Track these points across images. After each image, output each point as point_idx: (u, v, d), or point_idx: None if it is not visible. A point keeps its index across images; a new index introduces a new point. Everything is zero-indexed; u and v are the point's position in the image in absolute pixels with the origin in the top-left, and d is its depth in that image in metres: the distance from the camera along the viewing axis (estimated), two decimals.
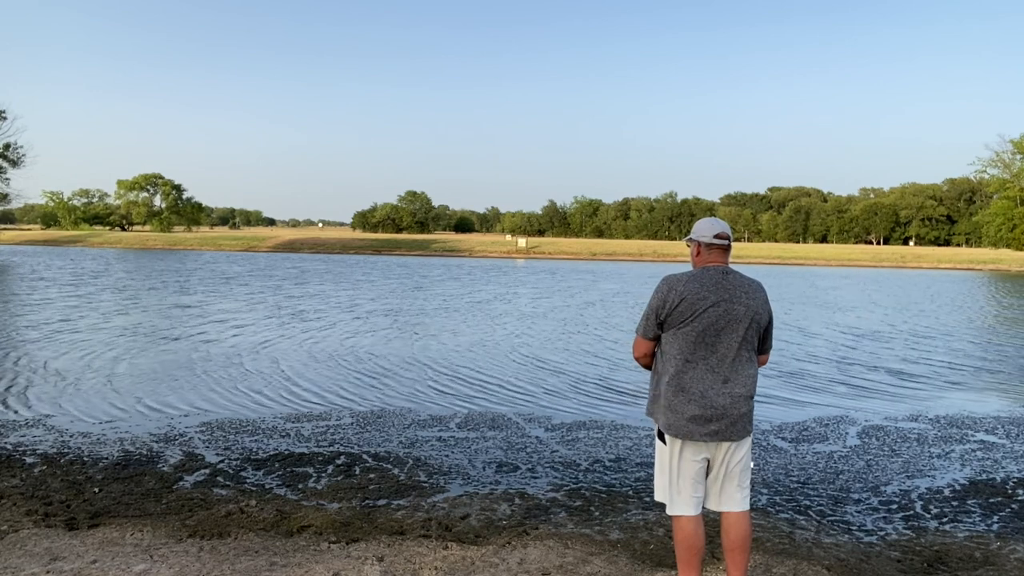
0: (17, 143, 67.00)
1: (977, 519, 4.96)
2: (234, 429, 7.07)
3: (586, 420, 7.71)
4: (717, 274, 3.20)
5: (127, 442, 6.54)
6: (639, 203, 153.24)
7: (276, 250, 68.80)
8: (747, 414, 3.20)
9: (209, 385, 9.21)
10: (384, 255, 64.08)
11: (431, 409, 8.13)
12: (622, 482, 5.62)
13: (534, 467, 6.00)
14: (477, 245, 76.00)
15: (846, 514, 5.01)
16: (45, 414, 7.57)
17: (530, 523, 4.63)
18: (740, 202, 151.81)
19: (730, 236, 3.30)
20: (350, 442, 6.66)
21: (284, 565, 3.76)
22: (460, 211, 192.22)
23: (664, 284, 3.23)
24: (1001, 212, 73.17)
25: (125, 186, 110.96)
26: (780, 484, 5.65)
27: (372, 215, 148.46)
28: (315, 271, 37.75)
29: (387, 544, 4.09)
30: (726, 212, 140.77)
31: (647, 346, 3.32)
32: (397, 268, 42.52)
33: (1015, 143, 72.82)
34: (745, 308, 3.17)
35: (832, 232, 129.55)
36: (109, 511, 4.73)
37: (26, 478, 5.44)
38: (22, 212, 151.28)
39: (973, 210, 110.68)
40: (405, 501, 5.09)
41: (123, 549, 3.98)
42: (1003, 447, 6.87)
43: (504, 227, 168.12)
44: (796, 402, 8.82)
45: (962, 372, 11.30)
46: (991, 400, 9.30)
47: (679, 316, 3.16)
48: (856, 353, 13.00)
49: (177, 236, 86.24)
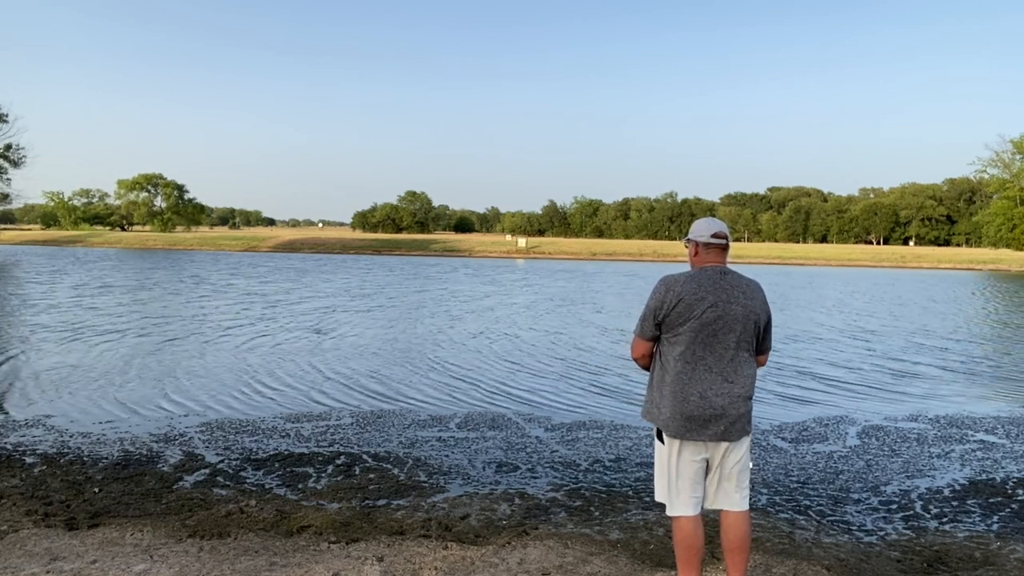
0: (18, 144, 67.02)
1: (977, 519, 4.96)
2: (234, 429, 7.08)
3: (586, 420, 7.71)
4: (715, 274, 3.20)
5: (127, 442, 6.54)
6: (639, 203, 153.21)
7: (276, 250, 68.78)
8: (746, 414, 3.19)
9: (209, 385, 9.21)
10: (384, 255, 64.06)
11: (431, 409, 8.13)
12: (622, 482, 5.62)
13: (534, 467, 6.00)
14: (477, 245, 75.98)
15: (846, 514, 5.01)
16: (45, 414, 7.58)
17: (530, 523, 4.63)
18: (740, 202, 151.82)
19: (728, 236, 3.29)
20: (350, 442, 6.66)
21: (284, 565, 3.75)
22: (460, 211, 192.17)
23: (662, 284, 3.23)
24: (1001, 212, 73.16)
25: (126, 186, 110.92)
26: (780, 484, 5.65)
27: (372, 215, 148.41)
28: (315, 270, 37.75)
29: (387, 544, 4.09)
30: (726, 212, 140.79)
31: (645, 346, 3.32)
32: (397, 268, 42.51)
33: (1015, 143, 72.80)
34: (743, 308, 3.17)
35: (832, 232, 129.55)
36: (109, 511, 4.73)
37: (26, 478, 5.44)
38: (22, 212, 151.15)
39: (973, 210, 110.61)
40: (405, 501, 5.09)
41: (123, 549, 3.98)
42: (1003, 447, 6.87)
43: (504, 227, 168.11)
44: (796, 402, 8.82)
45: (962, 372, 11.30)
46: (991, 400, 9.30)
47: (677, 317, 3.15)
48: (855, 353, 12.99)
49: (177, 236, 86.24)
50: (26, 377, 9.54)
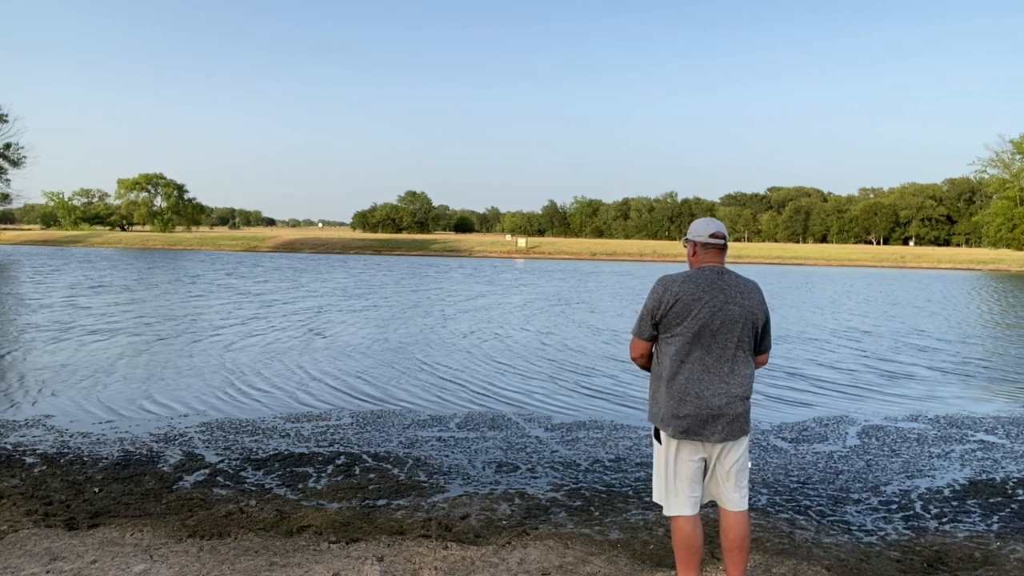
0: (18, 143, 67.04)
1: (977, 519, 4.96)
2: (234, 429, 7.07)
3: (586, 420, 7.70)
4: (713, 274, 3.20)
5: (127, 442, 6.54)
6: (639, 203, 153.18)
7: (276, 250, 68.78)
8: (744, 414, 3.19)
9: (209, 385, 9.21)
10: (384, 255, 64.06)
11: (431, 409, 8.13)
12: (622, 482, 5.62)
13: (534, 467, 6.00)
14: (477, 245, 75.97)
15: (846, 514, 5.01)
16: (45, 414, 7.57)
17: (530, 523, 4.63)
18: (740, 202, 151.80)
19: (726, 236, 3.29)
20: (350, 442, 6.66)
21: (284, 565, 3.75)
22: (460, 211, 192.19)
23: (659, 285, 3.22)
24: (1001, 212, 73.20)
25: (126, 186, 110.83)
26: (780, 484, 5.65)
27: (372, 215, 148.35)
28: (316, 270, 37.74)
29: (387, 544, 4.09)
30: (726, 212, 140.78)
31: (643, 347, 3.32)
32: (398, 268, 42.50)
33: (1015, 143, 72.86)
34: (741, 308, 3.17)
35: (832, 232, 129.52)
36: (109, 511, 4.73)
37: (26, 478, 5.44)
38: (22, 212, 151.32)
39: (973, 210, 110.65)
40: (405, 501, 5.09)
41: (123, 549, 3.98)
42: (1003, 447, 6.87)
43: (504, 227, 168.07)
44: (796, 402, 8.82)
45: (962, 372, 11.29)
46: (991, 400, 9.29)
47: (675, 317, 3.15)
48: (856, 353, 12.99)
49: (177, 236, 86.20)
50: (26, 377, 9.54)
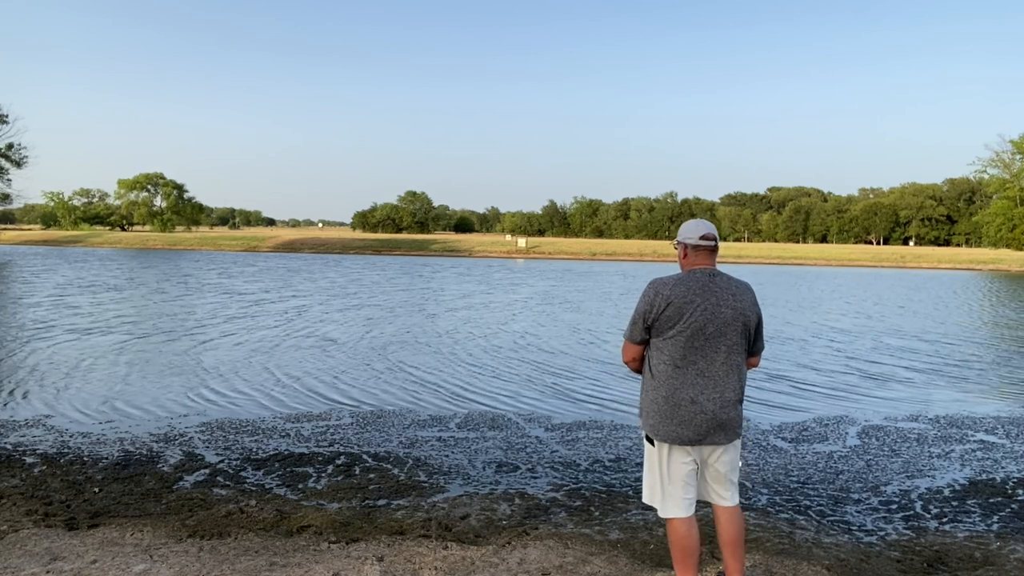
0: (19, 143, 67.06)
1: (977, 519, 4.96)
2: (234, 429, 7.07)
3: (586, 420, 7.70)
4: (704, 277, 3.18)
5: (127, 442, 6.54)
6: (639, 203, 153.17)
7: (276, 250, 68.78)
8: (736, 418, 3.19)
9: (209, 385, 9.21)
10: (384, 255, 64.06)
11: (431, 409, 8.13)
12: (622, 482, 5.62)
13: (534, 467, 6.00)
14: (477, 245, 75.96)
15: (846, 514, 5.01)
16: (45, 414, 7.58)
17: (530, 523, 4.62)
18: (740, 202, 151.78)
19: (716, 237, 3.27)
20: (350, 442, 6.66)
21: (284, 565, 3.75)
22: (460, 211, 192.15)
23: (651, 288, 3.20)
24: (1001, 212, 73.19)
25: (126, 186, 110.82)
26: (780, 484, 5.65)
27: (372, 215, 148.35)
28: (315, 270, 37.74)
29: (387, 544, 4.09)
30: (726, 212, 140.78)
31: (635, 350, 3.30)
32: (397, 268, 42.50)
33: (1015, 143, 72.86)
34: (733, 311, 3.15)
35: (832, 232, 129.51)
36: (109, 511, 4.73)
37: (26, 478, 5.44)
38: (22, 212, 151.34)
39: (973, 210, 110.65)
40: (405, 501, 5.09)
41: (123, 549, 3.98)
42: (1003, 447, 6.87)
43: (504, 227, 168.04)
44: (796, 402, 8.82)
45: (962, 372, 11.29)
46: (991, 400, 9.29)
47: (667, 320, 3.13)
48: (855, 353, 12.99)
49: (177, 236, 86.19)
50: (26, 377, 9.54)
